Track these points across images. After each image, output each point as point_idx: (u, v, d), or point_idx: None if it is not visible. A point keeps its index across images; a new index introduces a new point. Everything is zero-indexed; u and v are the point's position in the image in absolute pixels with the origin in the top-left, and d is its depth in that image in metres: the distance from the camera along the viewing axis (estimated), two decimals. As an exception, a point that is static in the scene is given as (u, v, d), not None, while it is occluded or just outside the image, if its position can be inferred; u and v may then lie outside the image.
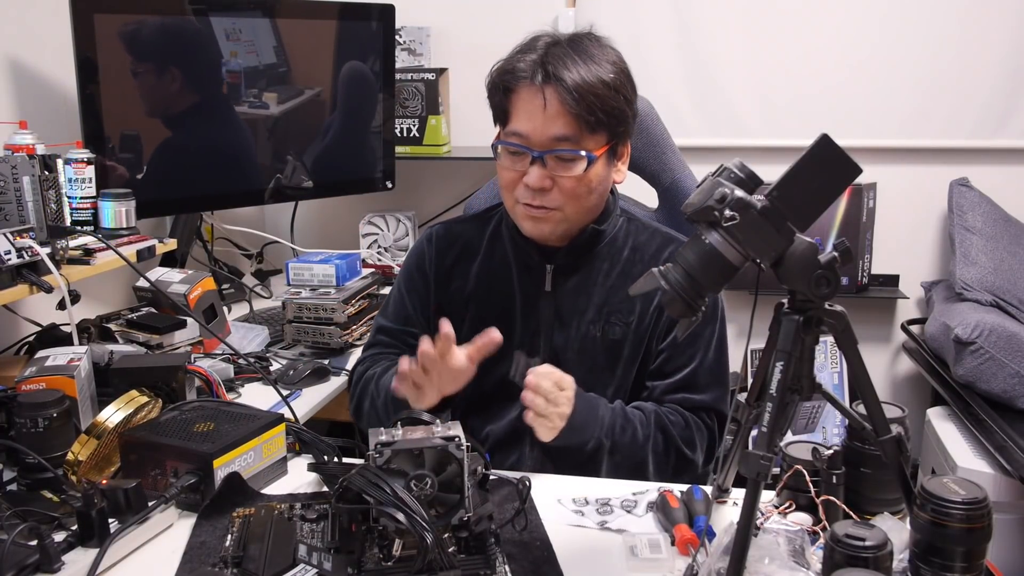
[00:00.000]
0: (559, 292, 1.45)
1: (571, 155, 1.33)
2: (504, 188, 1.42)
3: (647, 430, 1.37)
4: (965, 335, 2.16)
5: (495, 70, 1.39)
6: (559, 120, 1.32)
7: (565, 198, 1.36)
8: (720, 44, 2.69)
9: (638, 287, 1.00)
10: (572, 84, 1.30)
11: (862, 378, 0.97)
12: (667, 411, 1.41)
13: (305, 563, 1.03)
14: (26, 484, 1.22)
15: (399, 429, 1.05)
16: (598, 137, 1.35)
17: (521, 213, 1.40)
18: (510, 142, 1.37)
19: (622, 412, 1.37)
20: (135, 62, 1.91)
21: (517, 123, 1.35)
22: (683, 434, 1.39)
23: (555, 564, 1.06)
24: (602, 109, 1.32)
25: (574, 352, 1.44)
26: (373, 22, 2.34)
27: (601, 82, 1.31)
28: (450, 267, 1.51)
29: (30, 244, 1.44)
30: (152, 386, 1.36)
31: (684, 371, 1.43)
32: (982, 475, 2.04)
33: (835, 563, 0.91)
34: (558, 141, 1.33)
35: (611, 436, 1.34)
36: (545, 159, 1.34)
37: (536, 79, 1.32)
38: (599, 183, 1.38)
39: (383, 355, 1.53)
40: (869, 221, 2.68)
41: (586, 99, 1.30)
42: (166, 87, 1.99)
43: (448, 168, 2.78)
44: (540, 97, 1.32)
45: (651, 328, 1.43)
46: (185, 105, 2.04)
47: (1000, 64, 2.59)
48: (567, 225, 1.41)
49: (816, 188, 0.92)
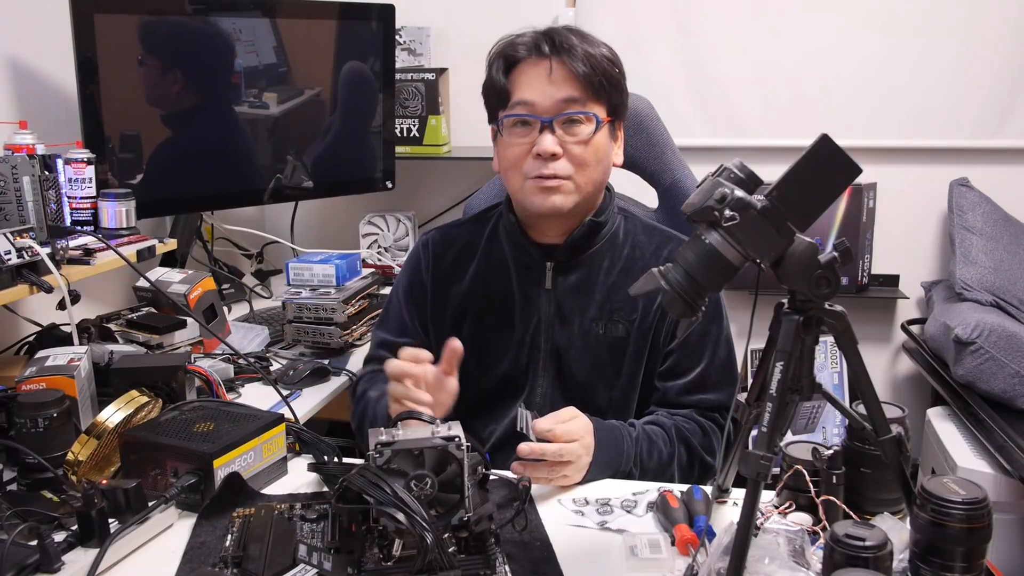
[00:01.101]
0: (559, 290, 1.45)
1: (581, 116, 1.37)
2: (511, 167, 1.42)
3: (671, 448, 1.37)
4: (965, 335, 2.16)
5: (494, 52, 1.43)
6: (566, 84, 1.36)
7: (575, 166, 1.38)
8: (720, 44, 2.69)
9: (638, 287, 1.00)
10: (579, 51, 1.36)
11: (862, 378, 0.97)
12: (683, 422, 1.41)
13: (305, 563, 1.03)
14: (26, 484, 1.22)
15: (399, 429, 1.05)
16: (601, 104, 1.39)
17: (531, 188, 1.40)
18: (517, 113, 1.39)
19: (645, 436, 1.36)
20: (145, 54, 1.92)
21: (522, 93, 1.38)
22: (703, 443, 1.40)
23: (555, 564, 1.06)
24: (605, 76, 1.37)
25: (577, 350, 1.44)
26: (373, 22, 2.34)
27: (601, 54, 1.39)
28: (447, 270, 1.51)
29: (30, 244, 1.43)
30: (152, 386, 1.36)
31: (696, 371, 1.43)
32: (982, 475, 2.04)
33: (835, 563, 0.91)
34: (567, 103, 1.36)
35: (639, 464, 1.33)
36: (554, 124, 1.37)
37: (542, 49, 1.37)
38: (604, 154, 1.42)
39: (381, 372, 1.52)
40: (869, 221, 2.68)
41: (590, 62, 1.36)
42: (170, 85, 1.99)
43: (448, 168, 2.79)
44: (546, 65, 1.37)
45: (655, 325, 1.44)
46: (189, 105, 2.04)
47: (1000, 64, 2.59)
48: (576, 197, 1.40)
49: (816, 188, 0.92)
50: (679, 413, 1.42)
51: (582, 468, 1.24)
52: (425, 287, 1.52)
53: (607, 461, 1.28)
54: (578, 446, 1.23)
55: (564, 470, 1.23)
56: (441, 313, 1.50)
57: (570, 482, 1.25)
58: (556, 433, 1.22)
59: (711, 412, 1.43)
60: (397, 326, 1.54)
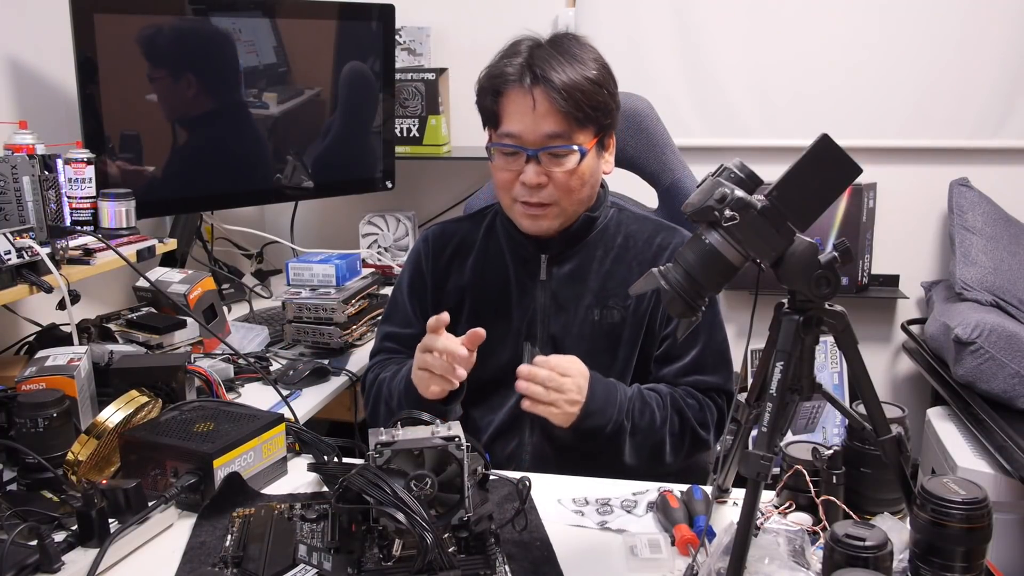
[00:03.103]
0: (554, 280, 1.49)
1: (564, 150, 1.39)
2: (501, 188, 1.46)
3: (664, 412, 1.42)
4: (965, 335, 2.16)
5: (483, 76, 1.45)
6: (549, 118, 1.37)
7: (560, 192, 1.42)
8: (720, 44, 2.69)
9: (638, 287, 1.01)
10: (560, 84, 1.35)
11: (862, 378, 0.97)
12: (682, 393, 1.45)
13: (305, 563, 1.03)
14: (26, 484, 1.22)
15: (399, 429, 1.05)
16: (587, 131, 1.40)
17: (519, 211, 1.45)
18: (504, 143, 1.42)
19: (639, 395, 1.42)
20: (152, 68, 1.93)
21: (509, 124, 1.40)
22: (698, 416, 1.44)
23: (555, 564, 1.06)
24: (589, 105, 1.38)
25: (573, 337, 1.48)
26: (373, 22, 2.34)
27: (586, 79, 1.37)
28: (447, 263, 1.56)
29: (30, 244, 1.44)
30: (152, 386, 1.36)
31: (692, 353, 1.47)
32: (982, 475, 2.04)
33: (835, 563, 0.91)
34: (550, 138, 1.38)
35: (631, 418, 1.38)
36: (539, 156, 1.39)
37: (524, 82, 1.37)
38: (591, 175, 1.44)
39: (390, 360, 1.57)
40: (869, 221, 2.68)
41: (573, 97, 1.36)
42: (183, 91, 2.00)
43: (448, 168, 2.79)
44: (529, 99, 1.37)
45: (650, 310, 1.47)
46: (207, 107, 2.05)
47: (1000, 64, 2.59)
48: (564, 218, 1.46)
49: (816, 188, 0.92)
50: (678, 388, 1.47)
51: (573, 403, 1.32)
52: (425, 280, 1.56)
53: (600, 408, 1.34)
54: (571, 382, 1.32)
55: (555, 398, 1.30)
56: (441, 305, 1.52)
57: (562, 417, 1.32)
58: (551, 363, 1.32)
59: (709, 392, 1.48)
60: (402, 319, 1.58)
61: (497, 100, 1.42)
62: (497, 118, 1.43)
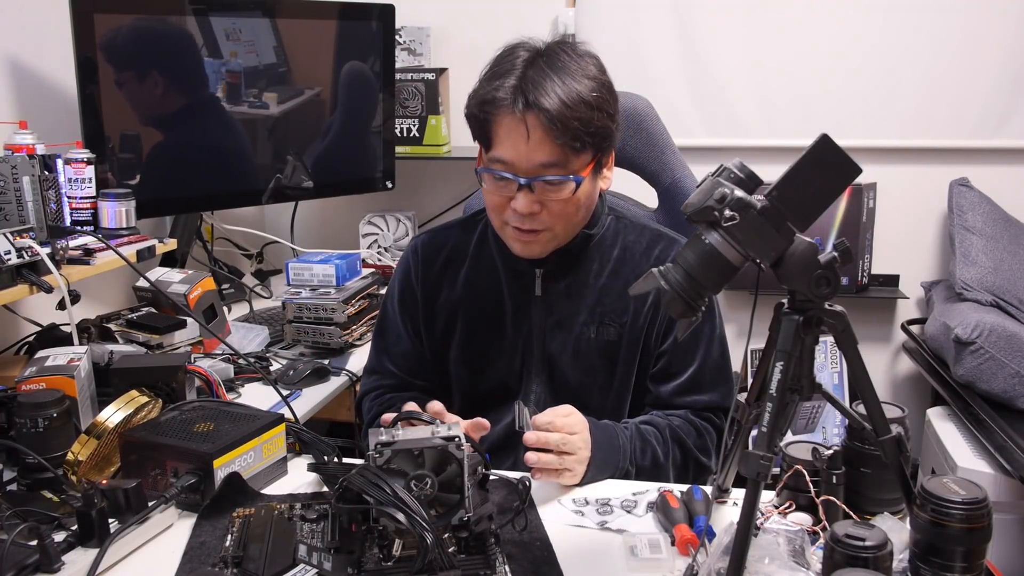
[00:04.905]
0: (550, 296, 1.44)
1: (559, 180, 1.30)
2: (491, 211, 1.39)
3: (665, 447, 1.36)
4: (965, 335, 2.16)
5: (472, 99, 1.35)
6: (543, 147, 1.27)
7: (554, 219, 1.34)
8: (720, 44, 2.69)
9: (638, 287, 0.99)
10: (555, 112, 1.25)
11: (862, 378, 0.97)
12: (678, 422, 1.40)
13: (305, 563, 1.03)
14: (26, 484, 1.22)
15: (399, 429, 1.05)
16: (584, 157, 1.31)
17: (511, 235, 1.38)
18: (495, 169, 1.32)
19: (639, 435, 1.35)
20: (116, 72, 1.87)
21: (501, 150, 1.31)
22: (697, 443, 1.39)
23: (555, 564, 1.05)
24: (586, 132, 1.28)
25: (569, 356, 1.43)
26: (373, 22, 2.34)
27: (583, 103, 1.26)
28: (438, 275, 1.49)
29: (30, 244, 1.44)
30: (152, 386, 1.36)
31: (688, 371, 1.42)
32: (982, 475, 2.04)
33: (835, 563, 0.91)
34: (544, 168, 1.29)
35: (635, 463, 1.33)
36: (532, 185, 1.30)
37: (516, 107, 1.27)
38: (587, 199, 1.36)
39: (385, 387, 1.52)
40: (869, 221, 2.68)
41: (569, 126, 1.26)
42: (149, 92, 1.96)
43: (448, 168, 2.78)
44: (522, 126, 1.27)
45: (646, 327, 1.42)
46: (173, 107, 2.02)
47: (1000, 64, 2.59)
48: (557, 242, 1.39)
49: (816, 188, 0.92)
50: (673, 414, 1.42)
51: (583, 461, 1.24)
52: (416, 294, 1.50)
53: (604, 459, 1.27)
54: (579, 439, 1.24)
55: (567, 461, 1.22)
56: (433, 319, 1.49)
57: (573, 478, 1.24)
58: (557, 425, 1.22)
59: (705, 412, 1.43)
60: (394, 335, 1.53)
61: (488, 123, 1.32)
62: (488, 140, 1.33)
